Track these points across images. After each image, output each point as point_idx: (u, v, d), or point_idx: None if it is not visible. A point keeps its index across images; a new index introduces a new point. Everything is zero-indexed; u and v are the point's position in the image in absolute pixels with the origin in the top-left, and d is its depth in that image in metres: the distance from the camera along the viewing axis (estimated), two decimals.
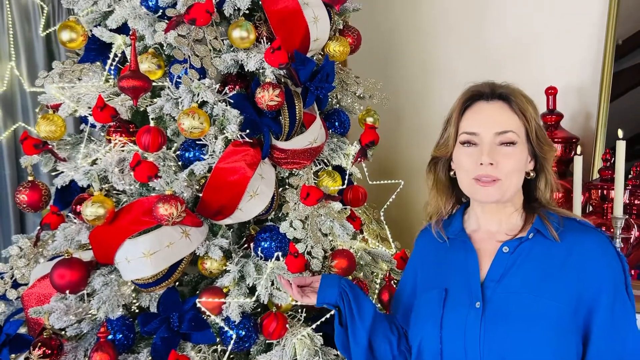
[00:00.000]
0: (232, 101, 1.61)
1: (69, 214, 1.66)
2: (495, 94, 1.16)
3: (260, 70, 1.62)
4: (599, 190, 1.93)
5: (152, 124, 1.57)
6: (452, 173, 1.22)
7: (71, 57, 1.92)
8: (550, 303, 1.07)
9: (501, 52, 2.37)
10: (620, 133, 1.76)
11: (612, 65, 2.10)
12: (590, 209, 1.99)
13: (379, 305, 1.82)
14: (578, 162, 1.78)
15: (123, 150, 1.63)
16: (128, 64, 1.60)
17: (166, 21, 1.59)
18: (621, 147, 1.69)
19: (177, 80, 1.60)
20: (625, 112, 2.10)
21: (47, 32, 2.56)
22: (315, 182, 1.77)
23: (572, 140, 2.06)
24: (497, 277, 1.13)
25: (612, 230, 1.73)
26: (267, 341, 1.60)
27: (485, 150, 1.11)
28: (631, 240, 1.84)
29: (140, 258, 1.46)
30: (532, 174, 1.17)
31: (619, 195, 1.70)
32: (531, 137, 1.13)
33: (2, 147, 2.54)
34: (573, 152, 1.95)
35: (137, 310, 1.60)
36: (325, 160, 1.83)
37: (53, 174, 1.74)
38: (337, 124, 1.87)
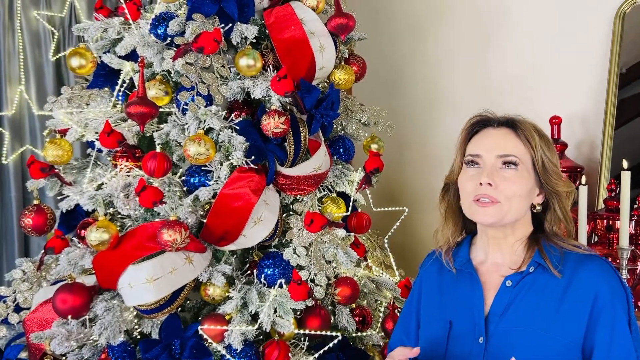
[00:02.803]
0: (238, 128, 1.63)
1: (73, 238, 1.66)
2: (502, 122, 1.17)
3: (266, 98, 1.64)
4: (605, 221, 1.91)
5: (158, 149, 1.58)
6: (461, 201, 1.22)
7: (80, 82, 1.95)
8: (553, 337, 1.05)
9: (505, 82, 2.39)
10: (625, 164, 1.75)
11: (616, 94, 2.11)
12: (596, 239, 1.98)
13: (382, 333, 1.80)
14: (583, 192, 1.78)
15: (129, 176, 1.64)
16: (136, 90, 1.63)
17: (174, 49, 1.61)
18: (626, 177, 1.68)
19: (184, 106, 1.61)
20: (630, 140, 2.10)
21: (57, 57, 2.61)
22: (319, 209, 1.77)
23: (576, 170, 2.06)
24: (500, 311, 1.12)
25: (618, 261, 1.72)
26: None
27: (486, 171, 1.11)
28: (637, 271, 1.82)
29: (143, 284, 1.45)
30: (538, 208, 1.16)
31: (625, 225, 1.69)
32: (537, 166, 1.13)
33: (9, 170, 2.56)
34: (578, 182, 1.95)
35: (138, 337, 1.59)
36: (330, 187, 1.83)
37: (58, 197, 1.75)
38: (341, 150, 1.88)
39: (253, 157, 1.59)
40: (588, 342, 1.05)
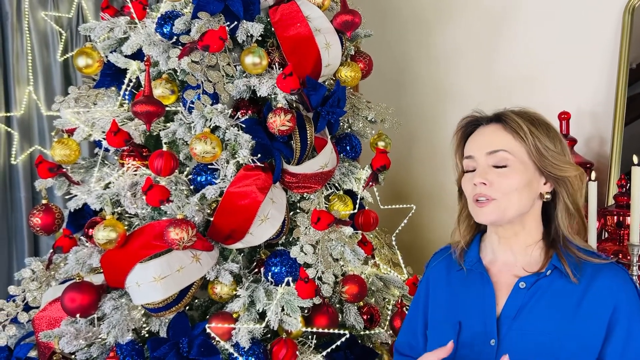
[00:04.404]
0: (244, 126, 1.63)
1: (81, 237, 1.67)
2: (492, 118, 1.15)
3: (272, 96, 1.64)
4: (615, 217, 1.89)
5: (164, 148, 1.58)
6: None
7: (87, 82, 1.96)
8: (568, 344, 1.03)
9: (513, 78, 2.37)
10: (635, 159, 1.73)
11: (625, 89, 2.09)
12: (606, 235, 1.96)
13: (390, 331, 1.80)
14: (593, 188, 1.76)
15: (136, 174, 1.64)
16: (142, 89, 1.63)
17: (180, 48, 1.61)
18: (637, 173, 1.66)
19: (190, 105, 1.61)
20: None
21: (65, 57, 2.62)
22: (326, 207, 1.76)
23: (586, 166, 2.04)
24: (512, 313, 1.09)
25: (628, 257, 1.70)
26: None
27: (478, 171, 1.11)
28: None
29: (151, 282, 1.46)
30: (547, 197, 1.13)
31: (635, 221, 1.67)
32: (532, 155, 1.09)
33: (18, 170, 2.58)
34: (587, 178, 1.92)
35: (146, 335, 1.59)
36: (337, 185, 1.83)
37: (67, 197, 1.76)
38: (348, 148, 1.87)
39: (259, 155, 1.59)
40: (603, 351, 1.04)
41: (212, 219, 1.58)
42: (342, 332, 1.63)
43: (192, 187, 1.64)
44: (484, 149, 1.11)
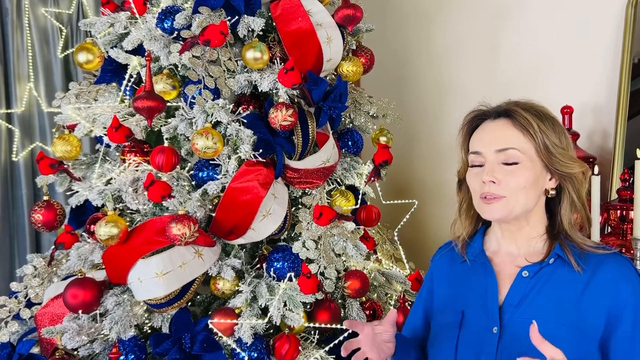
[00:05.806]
0: (245, 121, 1.62)
1: (83, 234, 1.67)
2: (501, 112, 1.13)
3: (274, 91, 1.63)
4: (618, 211, 1.88)
5: (166, 144, 1.58)
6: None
7: (88, 78, 1.95)
8: (571, 332, 1.03)
9: (515, 72, 2.36)
10: (638, 153, 1.73)
11: (628, 84, 2.07)
12: (609, 230, 1.95)
13: None
14: (596, 182, 1.75)
15: (137, 170, 1.64)
16: (143, 84, 1.62)
17: (181, 42, 1.61)
18: None
19: (192, 100, 1.61)
20: None
21: (65, 53, 2.62)
22: (328, 202, 1.76)
23: (589, 160, 2.03)
24: (515, 301, 1.09)
25: (632, 251, 1.69)
26: None
27: (487, 168, 1.09)
28: None
29: (153, 278, 1.46)
30: (552, 192, 1.13)
31: (639, 216, 1.66)
32: (540, 153, 1.09)
33: (19, 167, 2.58)
34: (591, 172, 1.92)
35: (149, 331, 1.59)
36: (339, 180, 1.82)
37: (68, 193, 1.75)
38: (350, 143, 1.87)
39: (261, 151, 1.58)
40: (607, 340, 1.03)
41: (214, 214, 1.57)
42: (344, 327, 1.63)
43: (193, 182, 1.64)
44: (493, 146, 1.10)
